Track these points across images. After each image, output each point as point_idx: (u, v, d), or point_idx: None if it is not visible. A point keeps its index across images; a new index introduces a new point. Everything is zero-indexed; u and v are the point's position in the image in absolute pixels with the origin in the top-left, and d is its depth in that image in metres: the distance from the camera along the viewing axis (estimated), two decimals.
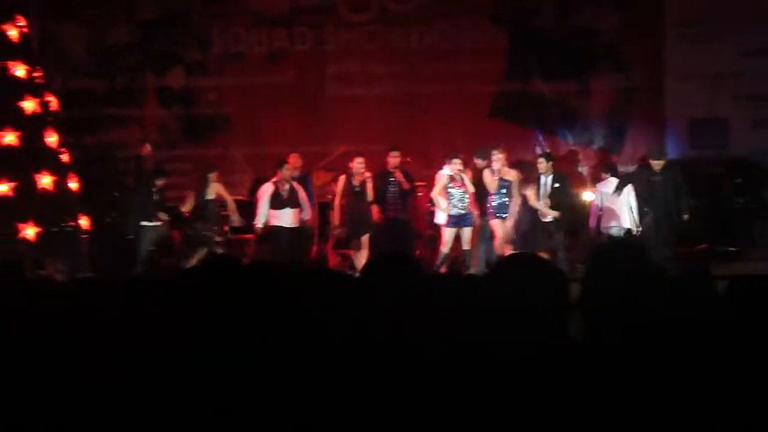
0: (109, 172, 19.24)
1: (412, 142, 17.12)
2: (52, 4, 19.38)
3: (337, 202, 16.22)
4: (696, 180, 17.22)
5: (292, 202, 16.03)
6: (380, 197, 16.21)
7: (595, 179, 17.17)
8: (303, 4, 19.76)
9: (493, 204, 15.40)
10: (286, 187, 15.97)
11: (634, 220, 15.31)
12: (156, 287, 4.99)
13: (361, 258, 15.72)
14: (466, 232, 15.55)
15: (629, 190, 15.45)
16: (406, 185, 16.16)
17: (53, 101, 16.72)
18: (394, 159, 16.22)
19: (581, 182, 17.40)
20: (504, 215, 15.35)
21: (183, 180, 18.73)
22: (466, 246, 15.56)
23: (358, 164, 15.95)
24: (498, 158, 15.42)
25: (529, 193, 15.52)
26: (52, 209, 16.06)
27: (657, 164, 15.33)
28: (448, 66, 19.42)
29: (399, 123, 18.93)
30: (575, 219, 16.23)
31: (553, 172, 15.68)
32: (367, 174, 15.97)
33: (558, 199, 15.55)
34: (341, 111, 19.38)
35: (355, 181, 16.00)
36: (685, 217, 15.08)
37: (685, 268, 6.66)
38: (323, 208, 17.11)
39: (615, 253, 3.77)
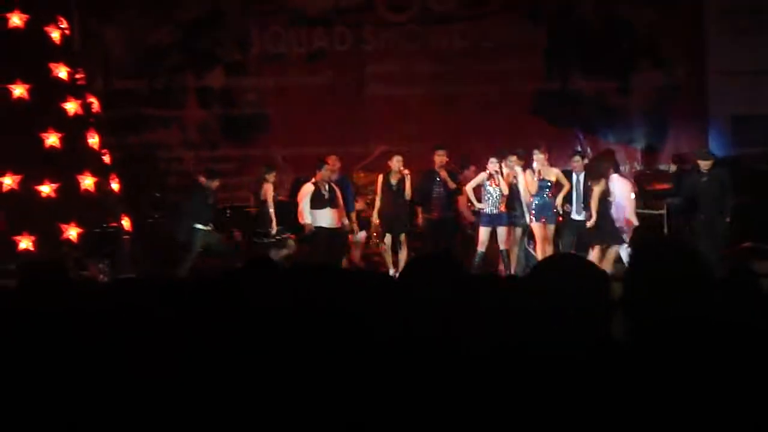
0: (151, 173, 19.32)
1: (452, 142, 17.06)
2: (94, 5, 19.45)
3: (377, 200, 16.25)
4: (739, 178, 17.09)
5: (332, 202, 16.03)
6: (425, 196, 16.17)
7: (643, 178, 17.14)
8: (342, 3, 19.77)
9: (534, 205, 15.34)
10: (326, 187, 15.98)
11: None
12: (198, 288, 5.00)
13: (402, 257, 15.72)
14: (501, 232, 15.52)
15: (621, 189, 15.49)
16: (451, 185, 16.09)
17: (95, 102, 16.81)
18: (440, 158, 16.13)
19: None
20: (546, 216, 15.27)
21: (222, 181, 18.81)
22: (501, 246, 15.53)
23: (396, 162, 15.95)
24: (539, 158, 15.39)
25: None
26: (94, 210, 16.13)
27: (705, 164, 15.24)
28: (488, 65, 19.39)
29: (439, 122, 18.90)
30: None
31: (585, 171, 15.61)
32: (406, 172, 15.95)
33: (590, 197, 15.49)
34: (381, 111, 19.38)
35: (393, 180, 15.99)
36: (727, 219, 15.02)
37: (729, 267, 6.59)
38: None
39: (657, 252, 3.73)
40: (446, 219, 16.25)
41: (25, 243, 15.20)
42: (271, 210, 16.25)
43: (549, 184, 15.34)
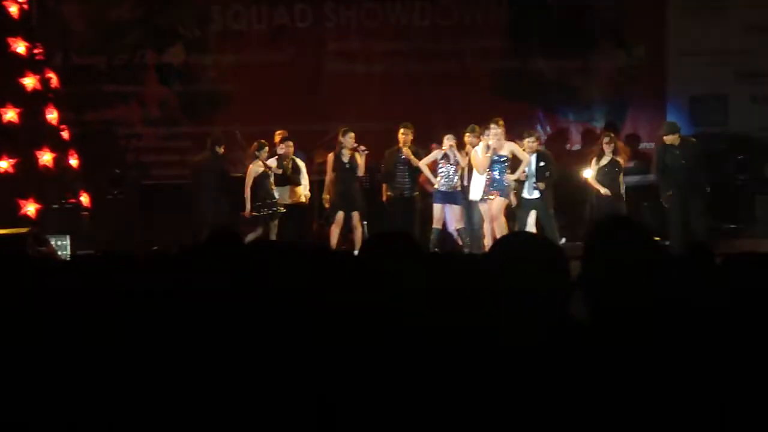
0: (110, 149, 19.22)
1: (413, 120, 17.05)
2: None
3: (327, 178, 16.19)
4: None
5: (291, 179, 16.03)
6: (389, 174, 16.16)
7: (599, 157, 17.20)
8: None
9: (486, 180, 15.18)
10: (287, 163, 15.98)
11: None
12: (159, 264, 5.00)
13: (357, 237, 15.72)
14: (452, 210, 15.53)
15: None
16: (415, 163, 16.04)
17: (53, 78, 16.73)
18: (404, 136, 16.06)
19: (581, 160, 17.38)
20: (499, 191, 15.10)
21: (182, 158, 18.76)
22: (457, 225, 15.53)
23: (348, 139, 15.91)
24: (495, 132, 15.09)
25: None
26: (53, 186, 16.08)
27: (672, 138, 15.35)
28: (449, 43, 19.39)
29: (400, 101, 18.87)
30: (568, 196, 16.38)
31: (537, 151, 15.65)
32: (361, 148, 15.90)
33: (543, 177, 15.51)
34: (342, 89, 19.34)
35: (344, 157, 15.96)
36: (708, 189, 15.22)
37: (688, 246, 6.66)
38: (321, 187, 17.04)
39: (614, 231, 3.76)
40: (410, 197, 16.22)
41: None
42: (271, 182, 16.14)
43: (503, 158, 15.20)
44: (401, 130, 16.07)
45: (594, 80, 19.28)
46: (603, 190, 15.68)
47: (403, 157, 16.02)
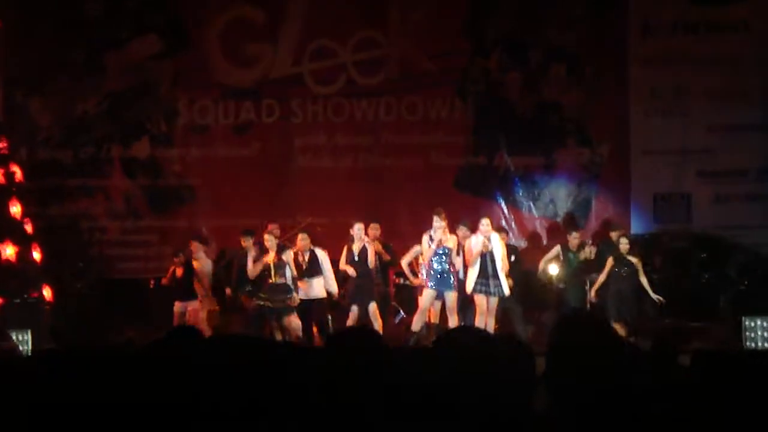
0: (74, 243, 19.14)
1: (379, 214, 17.13)
2: (20, 75, 19.37)
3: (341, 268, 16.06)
4: (661, 254, 17.34)
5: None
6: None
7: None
8: (270, 76, 19.82)
9: (432, 272, 15.19)
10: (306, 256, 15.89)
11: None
12: (120, 360, 4.95)
13: (378, 327, 15.34)
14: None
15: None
16: (386, 257, 16.02)
17: (18, 172, 16.72)
18: (373, 231, 16.17)
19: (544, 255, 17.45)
20: (443, 285, 15.13)
21: (146, 251, 18.74)
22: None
23: (357, 230, 15.83)
24: (438, 225, 15.16)
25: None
26: (15, 280, 15.97)
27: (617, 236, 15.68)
28: (415, 139, 19.51)
29: (366, 195, 18.98)
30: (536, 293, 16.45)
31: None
32: (366, 240, 15.80)
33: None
34: (308, 183, 19.40)
35: (354, 249, 15.85)
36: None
37: (652, 343, 6.69)
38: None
39: (578, 327, 3.76)
40: (380, 291, 16.14)
41: None
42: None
43: (447, 251, 15.19)
44: (371, 225, 16.19)
45: (558, 176, 19.39)
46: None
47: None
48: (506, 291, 15.23)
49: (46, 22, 19.49)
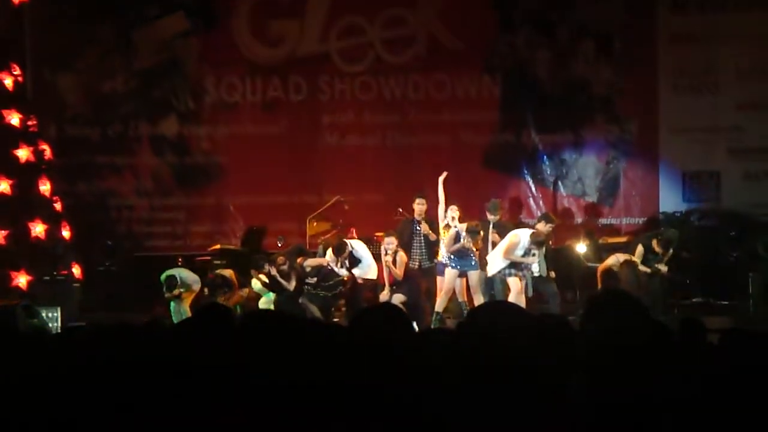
0: (102, 221, 19.22)
1: (406, 192, 17.09)
2: (48, 52, 19.40)
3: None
4: (690, 233, 17.25)
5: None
6: (405, 246, 15.58)
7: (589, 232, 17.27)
8: (298, 54, 19.80)
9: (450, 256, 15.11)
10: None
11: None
12: (149, 339, 4.96)
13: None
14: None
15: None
16: (432, 236, 15.65)
17: (47, 150, 16.76)
18: (419, 206, 15.77)
19: (574, 234, 17.40)
20: (465, 265, 15.03)
21: (174, 228, 18.79)
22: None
23: (389, 245, 15.18)
24: (455, 214, 15.06)
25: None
26: (44, 257, 16.04)
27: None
28: (443, 116, 19.46)
29: (393, 173, 18.96)
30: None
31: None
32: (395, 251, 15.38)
33: None
34: (335, 161, 19.39)
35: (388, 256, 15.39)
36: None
37: (681, 321, 6.64)
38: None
39: (610, 306, 3.74)
40: (427, 269, 15.84)
41: None
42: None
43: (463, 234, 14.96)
44: (417, 200, 15.78)
45: (586, 154, 19.31)
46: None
47: (418, 228, 15.76)
48: (537, 271, 15.16)
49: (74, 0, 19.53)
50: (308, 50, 19.82)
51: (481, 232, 15.07)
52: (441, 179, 15.42)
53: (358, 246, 15.63)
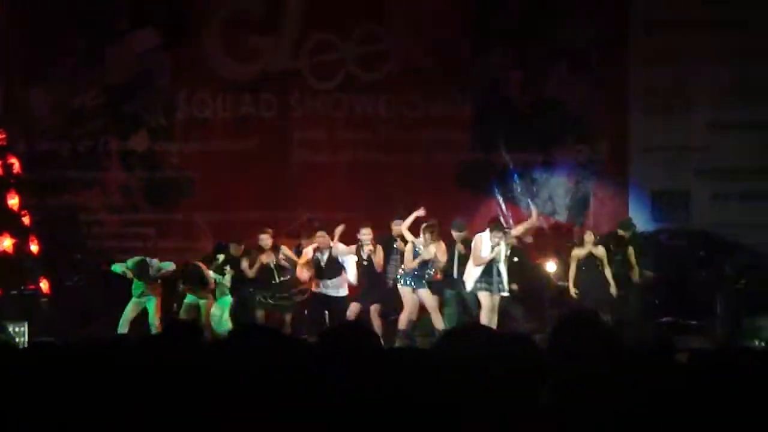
0: (71, 235, 19.13)
1: (377, 210, 17.10)
2: (18, 67, 19.33)
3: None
4: (659, 252, 17.32)
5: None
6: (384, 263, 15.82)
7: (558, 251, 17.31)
8: (269, 70, 19.79)
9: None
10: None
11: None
12: (116, 354, 4.93)
13: (376, 328, 15.19)
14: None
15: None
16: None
17: (16, 163, 16.69)
18: (397, 227, 15.83)
19: (543, 252, 17.44)
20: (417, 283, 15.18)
21: (143, 245, 18.70)
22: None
23: (364, 235, 15.68)
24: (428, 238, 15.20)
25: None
26: (12, 272, 15.95)
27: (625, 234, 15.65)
28: (414, 134, 19.49)
29: (364, 190, 18.95)
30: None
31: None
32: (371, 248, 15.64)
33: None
34: (307, 177, 19.39)
35: (364, 253, 15.66)
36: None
37: (648, 341, 6.66)
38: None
39: (578, 326, 3.75)
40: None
41: None
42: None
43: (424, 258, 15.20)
44: (395, 221, 15.87)
45: (556, 173, 19.37)
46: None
47: (395, 247, 15.85)
48: (506, 288, 15.24)
49: (44, 13, 19.44)
50: (280, 66, 19.81)
51: (436, 228, 15.14)
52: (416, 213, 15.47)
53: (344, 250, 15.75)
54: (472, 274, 15.16)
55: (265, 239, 15.94)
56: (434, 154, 19.42)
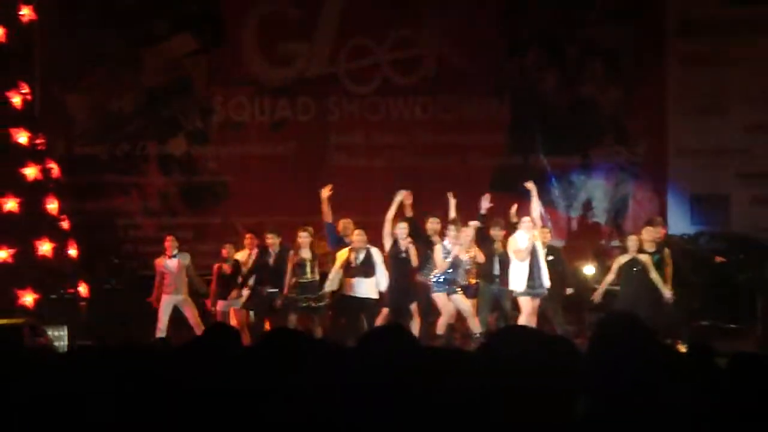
0: (109, 239, 19.23)
1: (413, 214, 17.05)
2: (56, 71, 19.43)
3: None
4: (698, 256, 17.20)
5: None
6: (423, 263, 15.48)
7: (598, 252, 17.23)
8: (306, 74, 19.84)
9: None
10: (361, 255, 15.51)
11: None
12: (157, 359, 4.94)
13: (416, 326, 15.02)
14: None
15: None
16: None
17: (54, 168, 16.74)
18: (432, 225, 15.67)
19: (582, 256, 17.37)
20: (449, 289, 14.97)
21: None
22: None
23: (401, 230, 15.55)
24: (453, 234, 15.07)
25: None
26: (51, 276, 16.02)
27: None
28: (451, 138, 19.48)
29: None
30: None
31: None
32: (409, 240, 15.46)
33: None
34: (343, 181, 19.35)
35: (401, 247, 15.47)
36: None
37: (688, 345, 6.63)
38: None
39: (617, 329, 3.72)
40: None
41: None
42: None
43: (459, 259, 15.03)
44: (430, 219, 15.72)
45: (594, 175, 19.30)
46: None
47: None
48: (546, 285, 15.11)
49: (82, 17, 19.54)
50: (317, 71, 19.86)
51: (458, 224, 15.01)
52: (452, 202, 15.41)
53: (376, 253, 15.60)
54: (519, 275, 14.99)
55: (305, 237, 15.83)
56: (471, 158, 19.38)
